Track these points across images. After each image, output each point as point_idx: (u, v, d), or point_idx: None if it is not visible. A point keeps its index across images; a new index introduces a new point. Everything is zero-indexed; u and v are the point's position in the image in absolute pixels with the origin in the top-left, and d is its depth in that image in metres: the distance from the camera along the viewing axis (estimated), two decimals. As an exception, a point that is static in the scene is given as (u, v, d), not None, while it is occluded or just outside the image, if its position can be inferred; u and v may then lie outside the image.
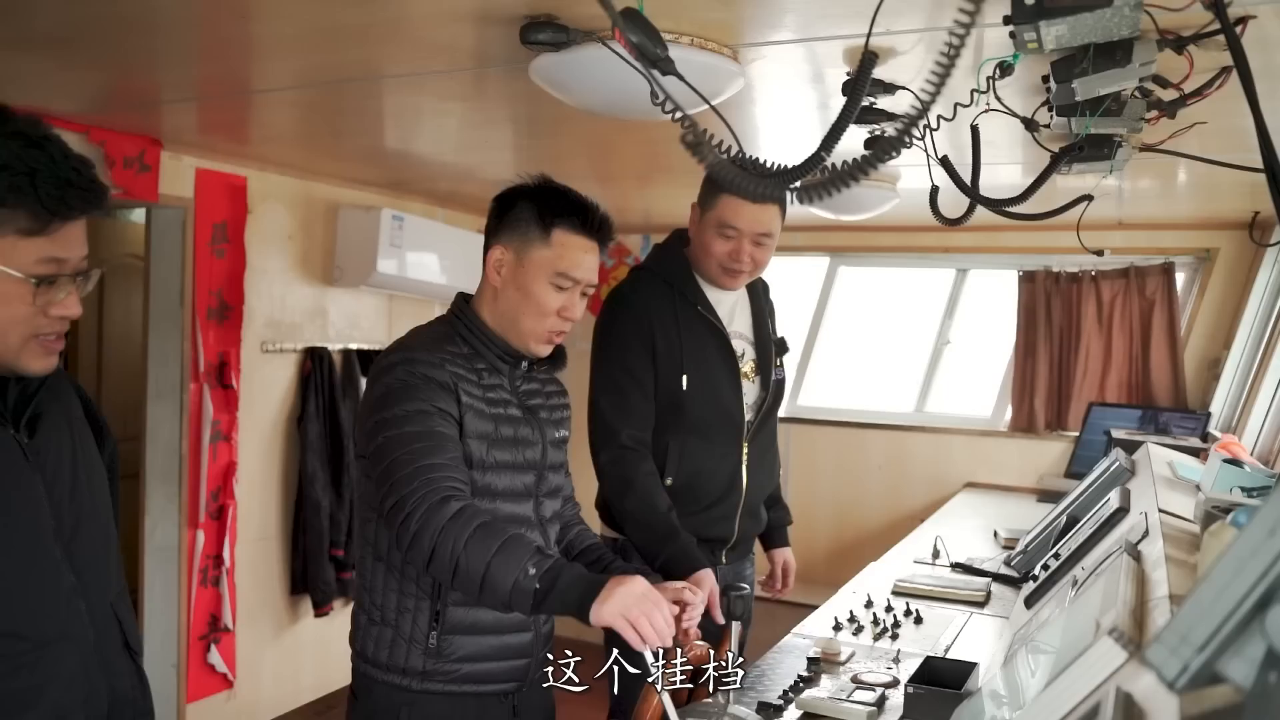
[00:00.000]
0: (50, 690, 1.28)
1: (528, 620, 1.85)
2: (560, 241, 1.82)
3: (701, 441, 2.36)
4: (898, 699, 1.86)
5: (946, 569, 3.00)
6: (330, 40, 2.19)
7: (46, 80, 2.65)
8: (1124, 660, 1.03)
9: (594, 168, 3.84)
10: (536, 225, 1.83)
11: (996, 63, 1.81)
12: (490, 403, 1.83)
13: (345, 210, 4.27)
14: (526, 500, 1.88)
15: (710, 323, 2.38)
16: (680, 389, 2.32)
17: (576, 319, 1.88)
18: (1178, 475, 2.59)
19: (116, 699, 1.38)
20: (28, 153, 1.22)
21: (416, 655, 1.80)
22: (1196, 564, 1.53)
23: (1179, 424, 4.29)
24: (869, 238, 5.04)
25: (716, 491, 2.40)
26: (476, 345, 1.86)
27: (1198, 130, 2.23)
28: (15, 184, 1.20)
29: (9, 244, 1.21)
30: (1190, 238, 4.54)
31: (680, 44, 1.93)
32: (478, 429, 1.80)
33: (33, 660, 1.26)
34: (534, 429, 1.89)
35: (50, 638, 1.29)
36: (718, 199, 2.29)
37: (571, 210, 1.84)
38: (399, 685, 1.81)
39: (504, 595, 1.59)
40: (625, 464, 2.25)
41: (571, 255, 1.83)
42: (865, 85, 1.56)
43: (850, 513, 5.03)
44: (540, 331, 1.85)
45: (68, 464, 1.37)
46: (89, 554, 1.37)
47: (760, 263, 2.37)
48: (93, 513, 1.40)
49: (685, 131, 1.02)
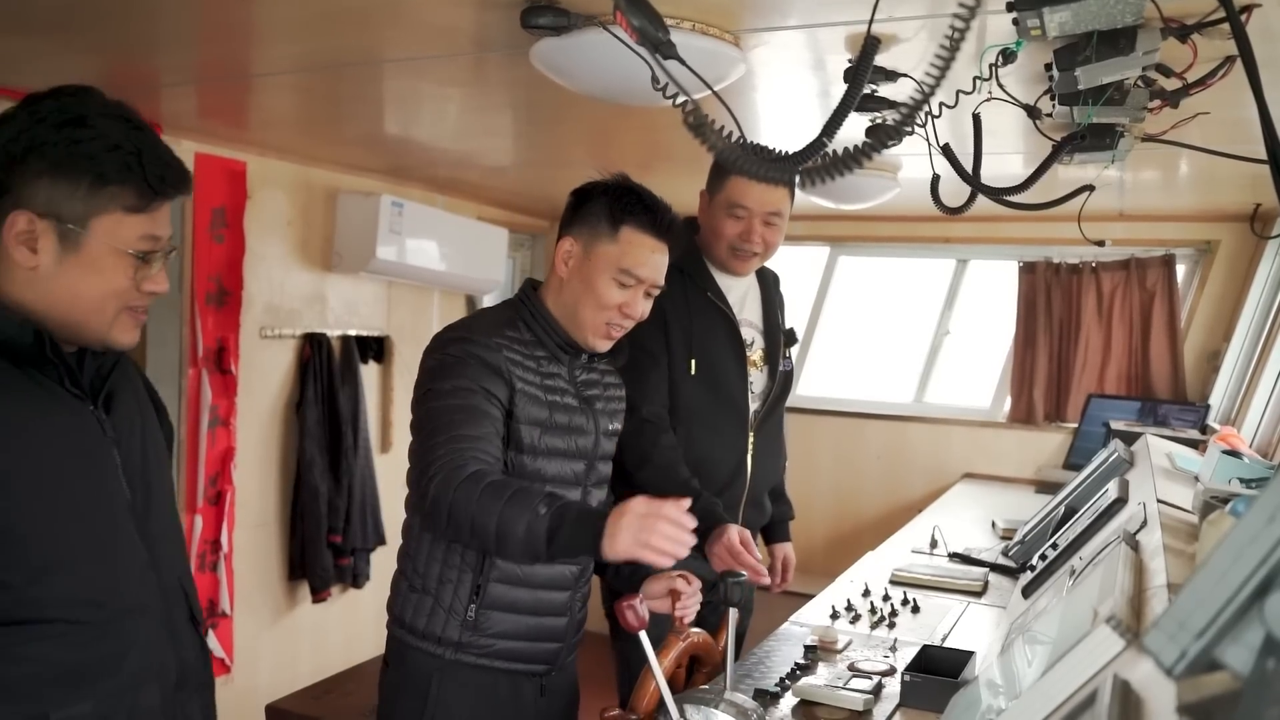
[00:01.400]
0: (130, 658, 1.33)
1: (564, 604, 1.91)
2: (628, 239, 1.86)
3: (706, 429, 2.37)
4: (894, 687, 1.86)
5: (944, 559, 3.00)
6: (330, 24, 2.18)
7: (45, 63, 2.63)
8: (1122, 648, 1.03)
9: (594, 155, 3.82)
10: (606, 221, 1.86)
11: (999, 50, 1.80)
12: (547, 389, 1.86)
13: (344, 196, 4.25)
14: (575, 488, 1.91)
15: (720, 309, 2.39)
16: (688, 374, 2.33)
17: (637, 318, 1.90)
18: (1176, 466, 2.60)
19: (184, 669, 1.43)
20: (135, 134, 1.29)
21: (454, 626, 1.83)
22: (1195, 553, 1.53)
23: (1178, 416, 4.29)
24: (869, 227, 5.03)
25: (721, 479, 2.39)
26: (538, 332, 1.89)
27: (1200, 120, 2.22)
28: (126, 163, 1.26)
29: (115, 220, 1.27)
30: (1191, 229, 4.53)
31: (681, 29, 1.92)
32: (532, 414, 1.83)
33: (115, 629, 1.31)
34: (589, 419, 1.92)
35: (128, 607, 1.33)
36: (726, 180, 2.32)
37: (642, 209, 1.87)
38: (433, 654, 1.84)
39: (519, 541, 1.59)
40: (643, 436, 2.25)
41: (637, 253, 1.86)
42: (867, 72, 1.55)
43: (849, 502, 5.04)
44: (599, 324, 1.88)
45: (139, 441, 1.41)
46: (158, 529, 1.42)
47: (771, 244, 2.38)
48: (161, 489, 1.45)
49: (688, 114, 1.01)
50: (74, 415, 1.31)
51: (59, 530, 1.26)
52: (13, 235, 1.25)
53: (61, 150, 1.24)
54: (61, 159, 1.24)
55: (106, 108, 1.30)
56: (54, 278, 1.27)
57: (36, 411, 1.26)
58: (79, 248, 1.27)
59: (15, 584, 1.22)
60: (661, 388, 2.31)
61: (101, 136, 1.26)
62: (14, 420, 1.23)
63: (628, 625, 1.60)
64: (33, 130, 1.25)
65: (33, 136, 1.24)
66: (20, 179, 1.24)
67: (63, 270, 1.27)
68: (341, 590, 4.38)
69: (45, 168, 1.24)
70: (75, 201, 1.25)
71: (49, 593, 1.25)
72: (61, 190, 1.25)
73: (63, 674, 1.25)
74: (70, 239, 1.26)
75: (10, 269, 1.26)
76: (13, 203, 1.25)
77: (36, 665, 1.23)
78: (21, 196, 1.25)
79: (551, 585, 1.89)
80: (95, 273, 1.28)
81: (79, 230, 1.26)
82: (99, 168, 1.26)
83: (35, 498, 1.23)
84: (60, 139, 1.24)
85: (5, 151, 1.25)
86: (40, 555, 1.24)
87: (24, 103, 1.29)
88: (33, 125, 1.25)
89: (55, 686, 1.24)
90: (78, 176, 1.25)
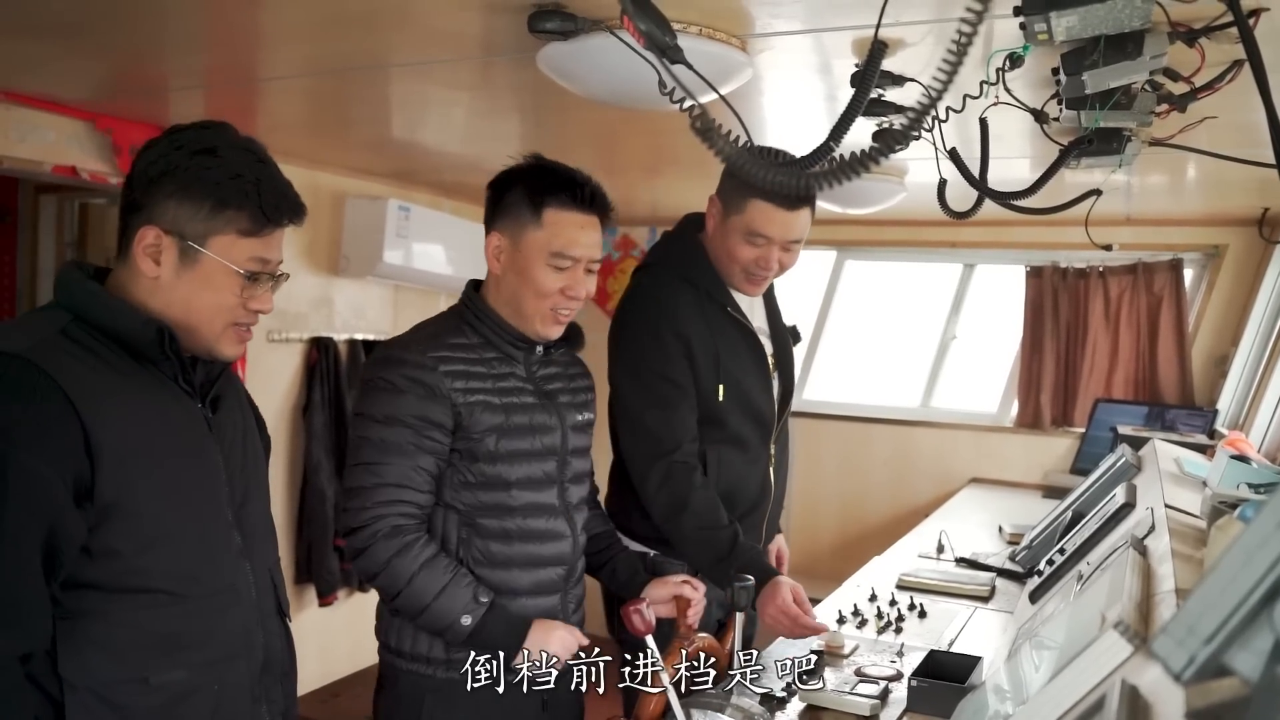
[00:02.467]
0: (220, 635, 1.45)
1: (553, 609, 1.87)
2: (552, 221, 1.80)
3: (738, 451, 2.25)
4: (901, 692, 1.86)
5: (951, 564, 3.00)
6: (337, 28, 2.18)
7: (54, 67, 2.65)
8: (1130, 653, 1.03)
9: (600, 159, 3.83)
10: (528, 207, 1.81)
11: (1006, 54, 1.80)
12: (501, 392, 1.82)
13: (352, 200, 4.26)
14: (549, 487, 1.87)
15: (741, 324, 2.25)
16: (716, 400, 2.19)
17: (582, 297, 1.85)
18: (1184, 471, 2.58)
19: (270, 655, 1.55)
20: (256, 166, 1.43)
21: (439, 645, 1.81)
22: (1203, 559, 1.53)
23: (1186, 421, 4.27)
24: (875, 232, 5.02)
25: (750, 499, 2.30)
26: (486, 333, 1.85)
27: (1208, 125, 2.21)
28: (244, 190, 1.40)
29: (229, 241, 1.41)
30: (1199, 234, 4.51)
31: (688, 34, 1.92)
32: (486, 422, 1.79)
33: (209, 605, 1.44)
34: (552, 414, 1.88)
35: (222, 588, 1.46)
36: (746, 203, 2.12)
37: (560, 187, 1.82)
38: (424, 675, 1.83)
39: (441, 631, 1.76)
40: (677, 481, 2.11)
41: (565, 233, 1.80)
42: (874, 76, 1.56)
43: (855, 507, 5.02)
44: (544, 312, 1.83)
45: (239, 442, 1.55)
46: (253, 522, 1.55)
47: (786, 267, 2.23)
48: (257, 487, 1.59)
49: (694, 119, 1.01)
50: (184, 409, 1.44)
51: (166, 508, 1.39)
52: (141, 247, 1.39)
53: (190, 175, 1.38)
54: (189, 182, 1.38)
55: (237, 142, 1.44)
56: (172, 288, 1.41)
57: (153, 401, 1.40)
58: (196, 263, 1.40)
59: (126, 553, 1.35)
60: (690, 421, 2.17)
61: (226, 166, 1.40)
62: (132, 406, 1.36)
63: (634, 629, 1.60)
64: (169, 156, 1.39)
65: (168, 161, 1.39)
66: (153, 198, 1.39)
67: (180, 282, 1.41)
68: (348, 594, 4.39)
69: (174, 189, 1.38)
70: (197, 222, 1.39)
71: (155, 564, 1.38)
72: (186, 211, 1.39)
73: (161, 640, 1.39)
74: (189, 255, 1.40)
75: (136, 276, 1.41)
76: (145, 218, 1.39)
77: (139, 631, 1.37)
78: (153, 214, 1.39)
79: (537, 592, 1.86)
80: (208, 287, 1.41)
81: (197, 248, 1.40)
82: (220, 193, 1.39)
83: (147, 477, 1.36)
84: (191, 165, 1.39)
85: (144, 174, 1.40)
86: (150, 529, 1.37)
87: (167, 132, 1.44)
88: (170, 151, 1.40)
89: (154, 652, 1.38)
90: (201, 199, 1.39)
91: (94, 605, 1.34)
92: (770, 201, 2.10)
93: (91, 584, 1.34)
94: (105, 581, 1.34)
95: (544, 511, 1.86)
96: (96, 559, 1.33)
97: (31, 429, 1.27)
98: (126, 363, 1.38)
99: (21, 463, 1.25)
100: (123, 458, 1.33)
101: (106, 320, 1.38)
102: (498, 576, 1.81)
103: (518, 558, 1.83)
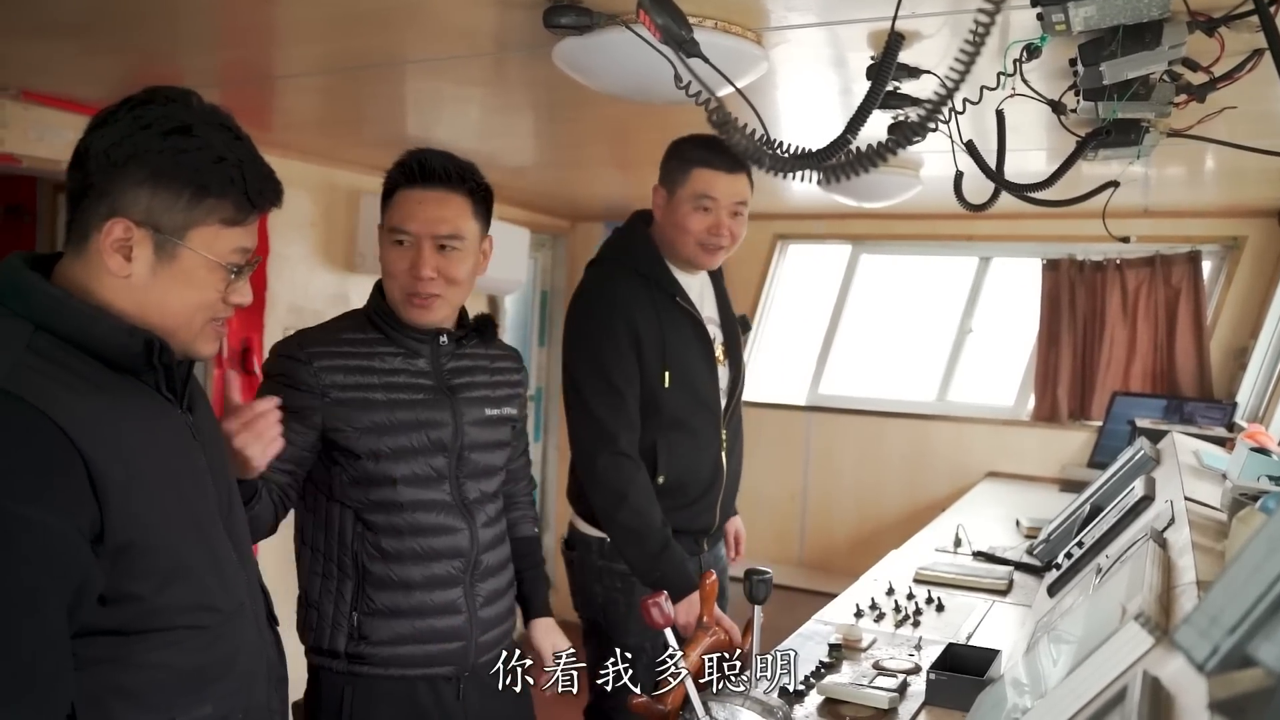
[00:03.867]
0: (240, 659, 1.34)
1: (456, 602, 1.85)
2: (395, 201, 1.89)
3: (686, 436, 2.35)
4: (919, 685, 1.86)
5: (968, 557, 2.99)
6: (351, 25, 2.19)
7: (69, 66, 2.66)
8: (1151, 644, 1.02)
9: (614, 154, 3.83)
10: (385, 196, 1.92)
11: (1023, 45, 1.79)
12: (389, 388, 1.82)
13: (367, 197, 4.27)
14: (439, 484, 1.85)
15: (689, 313, 2.35)
16: (662, 387, 2.30)
17: (438, 276, 1.83)
18: (1203, 464, 2.57)
19: (269, 665, 1.45)
20: (237, 145, 1.27)
21: (340, 638, 1.82)
22: (1224, 551, 1.52)
23: (1204, 414, 4.25)
24: (891, 225, 5.01)
25: (703, 484, 2.39)
26: (385, 329, 1.86)
27: (1227, 115, 2.19)
28: (228, 175, 1.24)
29: (212, 232, 1.25)
30: (1217, 225, 4.48)
31: (704, 27, 1.92)
32: (365, 421, 1.79)
33: (228, 631, 1.32)
34: (448, 409, 1.86)
35: (234, 609, 1.34)
36: (689, 173, 2.30)
37: (398, 167, 1.92)
38: (333, 670, 1.83)
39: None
40: (622, 473, 2.23)
41: (400, 209, 1.88)
42: (891, 69, 1.55)
43: (871, 502, 5.01)
44: (403, 299, 1.85)
45: (215, 442, 1.42)
46: (240, 529, 1.43)
47: (737, 236, 2.35)
48: (234, 489, 1.45)
49: (712, 112, 1.01)
50: (170, 421, 1.29)
51: (177, 538, 1.25)
52: (109, 242, 1.20)
53: (165, 159, 1.21)
54: (164, 168, 1.21)
55: (208, 115, 1.27)
56: (146, 288, 1.23)
57: (141, 418, 1.23)
58: (174, 259, 1.24)
59: (145, 594, 1.21)
60: (635, 413, 2.28)
61: (207, 148, 1.23)
62: (124, 429, 1.19)
63: (652, 622, 1.60)
64: (135, 137, 1.21)
65: (135, 143, 1.20)
66: (119, 185, 1.20)
67: (156, 281, 1.24)
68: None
69: (146, 176, 1.20)
70: (175, 213, 1.22)
71: (174, 600, 1.24)
72: (161, 200, 1.21)
73: (185, 678, 1.26)
74: (166, 250, 1.23)
75: (100, 274, 1.22)
76: (109, 208, 1.20)
77: (162, 672, 1.23)
78: (120, 203, 1.20)
79: (431, 585, 1.84)
80: (188, 285, 1.25)
81: (176, 242, 1.23)
82: (200, 179, 1.23)
83: (153, 507, 1.21)
84: (165, 148, 1.21)
85: (106, 156, 1.20)
86: (166, 563, 1.23)
87: (124, 106, 1.25)
88: (135, 131, 1.21)
89: (179, 692, 1.25)
90: (179, 188, 1.22)
91: (109, 652, 1.19)
92: (711, 167, 2.28)
93: (106, 630, 1.18)
94: (122, 626, 1.19)
95: (434, 507, 1.84)
96: (112, 605, 1.17)
97: (30, 477, 1.09)
98: (103, 374, 1.20)
99: (27, 519, 1.08)
100: (128, 490, 1.16)
101: (79, 332, 1.19)
102: (392, 570, 1.81)
103: (407, 552, 1.82)
